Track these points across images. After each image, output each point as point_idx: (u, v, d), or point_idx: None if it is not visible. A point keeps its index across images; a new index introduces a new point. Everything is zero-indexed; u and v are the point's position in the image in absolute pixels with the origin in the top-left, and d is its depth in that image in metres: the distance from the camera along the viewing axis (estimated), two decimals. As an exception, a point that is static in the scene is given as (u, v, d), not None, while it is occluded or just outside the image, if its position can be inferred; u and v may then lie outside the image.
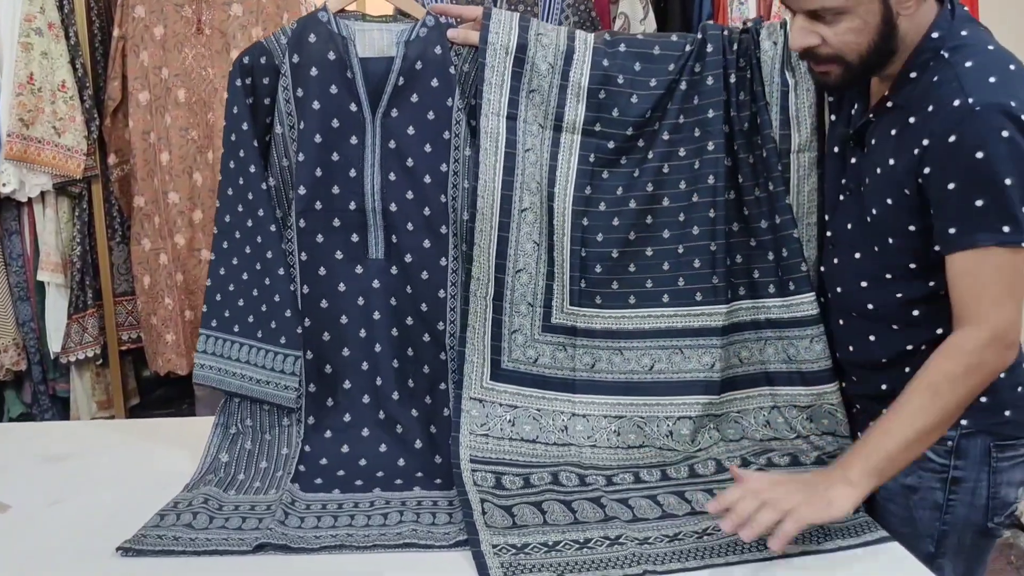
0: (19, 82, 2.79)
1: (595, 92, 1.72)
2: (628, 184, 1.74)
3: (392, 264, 1.75)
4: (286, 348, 1.72)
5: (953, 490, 1.52)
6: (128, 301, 3.10)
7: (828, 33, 1.45)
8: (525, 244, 1.72)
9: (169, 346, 2.97)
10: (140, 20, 2.83)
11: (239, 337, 1.75)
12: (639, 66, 1.72)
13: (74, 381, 3.06)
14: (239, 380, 1.74)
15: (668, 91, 1.72)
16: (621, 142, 1.74)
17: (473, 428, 1.68)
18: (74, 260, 2.96)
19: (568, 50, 1.72)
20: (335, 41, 1.70)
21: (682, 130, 1.73)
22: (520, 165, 1.71)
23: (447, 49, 1.72)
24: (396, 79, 1.71)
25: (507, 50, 1.71)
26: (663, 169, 1.74)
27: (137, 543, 1.43)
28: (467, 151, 1.72)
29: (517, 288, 1.73)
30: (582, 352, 1.75)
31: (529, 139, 1.72)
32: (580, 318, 1.74)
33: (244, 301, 1.74)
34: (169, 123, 2.86)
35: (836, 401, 1.69)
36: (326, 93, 1.70)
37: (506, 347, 1.73)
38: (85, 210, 2.97)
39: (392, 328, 1.76)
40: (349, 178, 1.73)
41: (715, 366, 1.73)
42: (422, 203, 1.73)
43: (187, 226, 2.93)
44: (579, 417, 1.73)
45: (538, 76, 1.72)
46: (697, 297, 1.74)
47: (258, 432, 1.75)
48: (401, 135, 1.72)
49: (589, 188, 1.74)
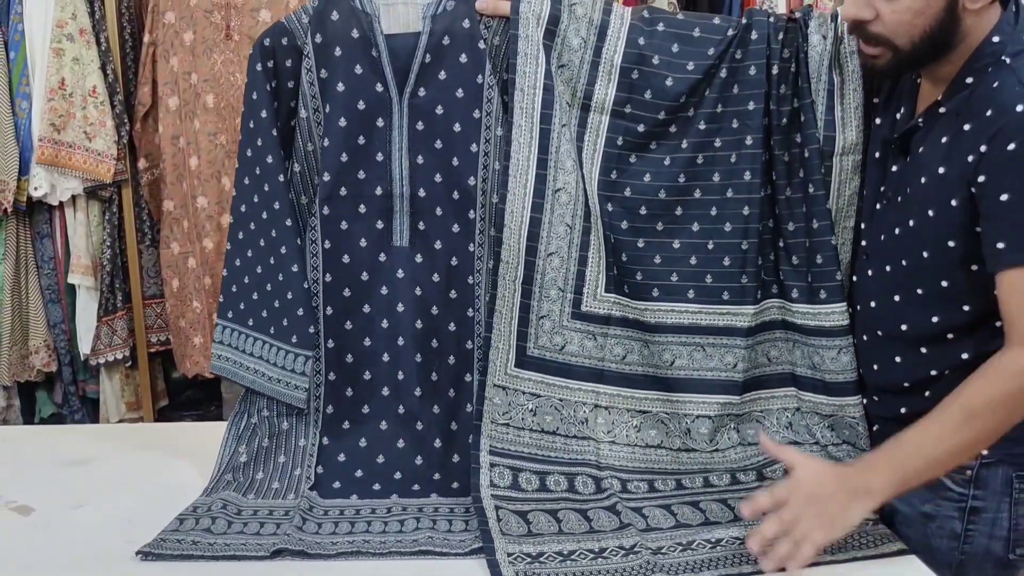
0: (51, 87, 2.81)
1: (628, 71, 1.64)
2: (658, 172, 1.68)
3: (417, 252, 1.70)
4: (297, 347, 1.67)
5: (972, 520, 1.47)
6: (157, 304, 3.11)
7: (885, 8, 1.37)
8: (558, 227, 1.64)
9: (197, 349, 2.97)
10: (170, 26, 2.84)
11: (253, 331, 1.71)
12: (677, 47, 1.64)
13: (104, 383, 3.08)
14: (252, 375, 1.71)
15: (706, 77, 1.64)
16: (652, 126, 1.66)
17: (495, 416, 1.64)
18: (104, 263, 2.97)
19: (602, 24, 1.63)
20: (358, 18, 1.63)
21: (720, 120, 1.65)
22: (555, 142, 1.63)
23: (476, 22, 1.64)
24: (423, 56, 1.64)
25: (539, 20, 1.62)
26: (697, 160, 1.67)
27: (157, 547, 1.42)
28: (499, 130, 1.64)
29: (548, 272, 1.66)
30: (613, 342, 1.69)
31: (564, 115, 1.65)
32: (615, 306, 1.68)
33: (258, 295, 1.70)
34: (198, 128, 2.86)
35: (859, 414, 1.64)
36: (351, 74, 1.64)
37: (533, 333, 1.67)
38: (115, 214, 2.99)
39: (416, 320, 1.71)
40: (376, 162, 1.67)
41: (737, 366, 1.68)
42: (451, 186, 1.68)
43: (215, 230, 2.93)
44: (602, 409, 1.68)
45: (569, 50, 1.64)
46: (724, 296, 1.68)
47: (275, 422, 1.72)
48: (430, 115, 1.66)
49: (615, 172, 1.67)
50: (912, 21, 1.36)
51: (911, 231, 1.44)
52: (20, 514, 1.59)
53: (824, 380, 1.66)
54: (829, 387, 1.65)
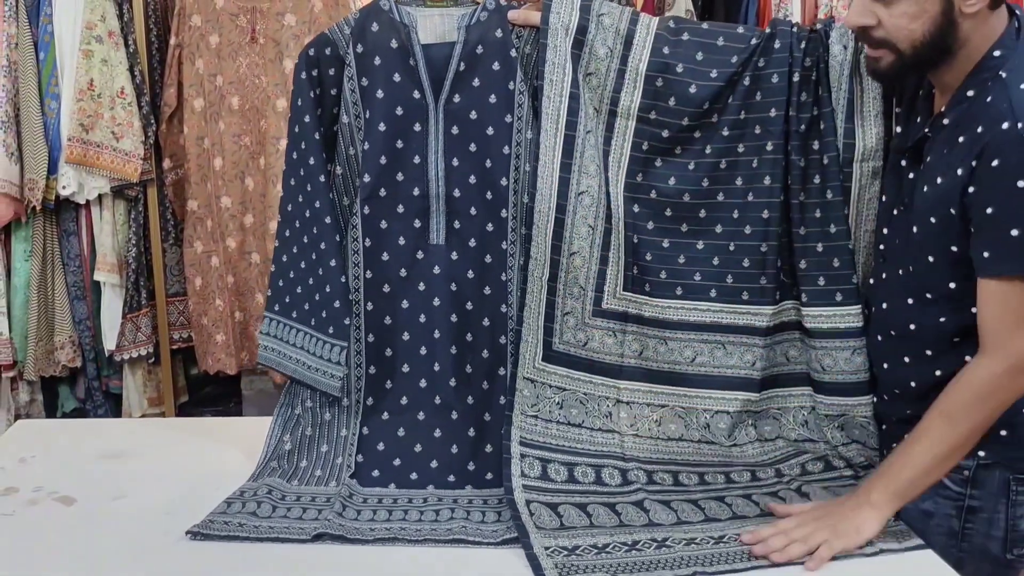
0: (80, 88, 2.88)
1: (652, 79, 1.69)
2: (683, 175, 1.73)
3: (452, 250, 1.77)
4: (333, 338, 1.75)
5: (969, 519, 1.52)
6: (180, 302, 3.17)
7: (884, 14, 1.43)
8: (580, 227, 1.70)
9: (219, 346, 3.03)
10: (196, 29, 2.90)
11: (296, 323, 1.80)
12: (701, 55, 1.69)
13: (127, 378, 3.14)
14: (294, 364, 1.79)
15: (729, 84, 1.69)
16: (676, 132, 1.71)
17: (524, 408, 1.70)
18: (129, 261, 3.03)
19: (629, 34, 1.69)
20: (397, 29, 1.71)
21: (743, 126, 1.71)
22: (580, 147, 1.69)
23: (508, 32, 1.72)
24: (458, 64, 1.72)
25: (567, 30, 1.68)
26: (720, 164, 1.72)
27: (205, 528, 1.50)
28: (529, 133, 1.71)
29: (571, 270, 1.71)
30: (631, 339, 1.75)
31: (590, 122, 1.71)
32: (632, 304, 1.74)
33: (301, 289, 1.78)
34: (223, 129, 2.92)
35: (868, 414, 1.69)
36: (390, 81, 1.72)
37: (558, 329, 1.73)
38: (141, 213, 3.05)
39: (451, 314, 1.78)
40: (413, 165, 1.75)
41: (756, 364, 1.74)
42: (485, 187, 1.75)
43: (238, 230, 2.99)
44: (623, 404, 1.74)
45: (596, 59, 1.70)
46: (744, 296, 1.73)
47: (318, 412, 1.79)
48: (464, 120, 1.73)
49: (641, 175, 1.73)
50: (910, 26, 1.42)
51: (918, 236, 1.50)
52: (63, 504, 1.64)
53: (836, 381, 1.70)
54: (841, 387, 1.70)
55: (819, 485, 1.64)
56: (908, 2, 1.41)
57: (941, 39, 1.42)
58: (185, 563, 1.45)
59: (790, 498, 1.60)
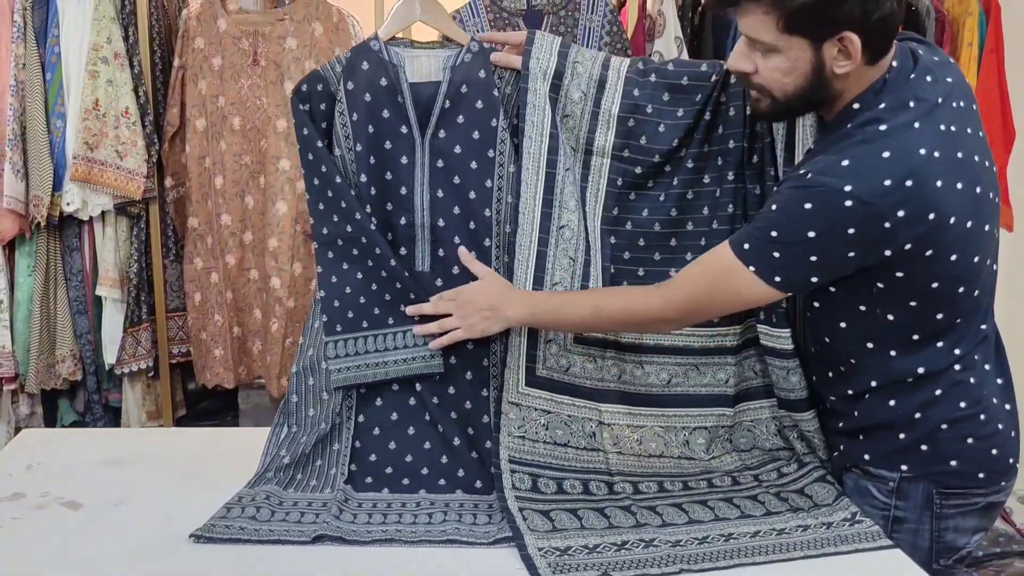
0: (85, 108, 2.92)
1: (624, 120, 1.78)
2: (654, 207, 1.81)
3: (437, 276, 1.83)
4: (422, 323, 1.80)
5: (895, 528, 1.59)
6: (179, 317, 3.21)
7: (760, 64, 1.50)
8: (562, 259, 1.77)
9: (217, 360, 3.08)
10: (199, 51, 2.97)
11: (370, 331, 1.81)
12: (668, 96, 1.78)
13: (126, 392, 3.16)
14: (381, 369, 1.80)
15: (695, 120, 1.77)
16: (648, 167, 1.80)
17: (511, 430, 1.76)
18: (130, 277, 3.07)
19: (601, 79, 1.78)
20: (386, 68, 1.78)
21: (707, 158, 1.79)
22: (560, 184, 1.77)
23: (491, 73, 1.79)
24: (443, 102, 1.79)
25: (545, 75, 1.77)
26: (687, 195, 1.81)
27: (208, 531, 1.57)
28: (511, 168, 1.79)
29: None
30: (610, 363, 1.82)
31: (568, 160, 1.79)
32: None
33: (365, 298, 1.80)
34: (224, 149, 2.98)
35: (814, 427, 1.76)
36: (379, 117, 1.78)
37: (541, 355, 1.79)
38: (143, 229, 3.09)
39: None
40: (400, 195, 1.81)
41: (729, 381, 1.82)
42: (468, 217, 1.81)
43: (237, 247, 3.04)
44: (605, 425, 1.80)
45: (571, 103, 1.79)
46: (714, 320, 1.79)
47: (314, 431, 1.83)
48: (449, 154, 1.80)
49: (616, 209, 1.81)
50: (783, 80, 1.49)
51: None
52: (69, 509, 1.70)
53: (780, 397, 1.78)
54: (785, 403, 1.78)
55: (794, 488, 1.71)
56: (781, 57, 1.47)
57: (812, 93, 1.50)
58: (188, 565, 1.51)
59: (768, 501, 1.68)
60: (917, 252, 1.44)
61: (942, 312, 1.51)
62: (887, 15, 1.41)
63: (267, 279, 3.01)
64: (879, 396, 1.59)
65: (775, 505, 1.67)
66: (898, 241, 1.43)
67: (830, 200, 1.41)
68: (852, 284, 1.51)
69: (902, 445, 1.58)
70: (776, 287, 1.49)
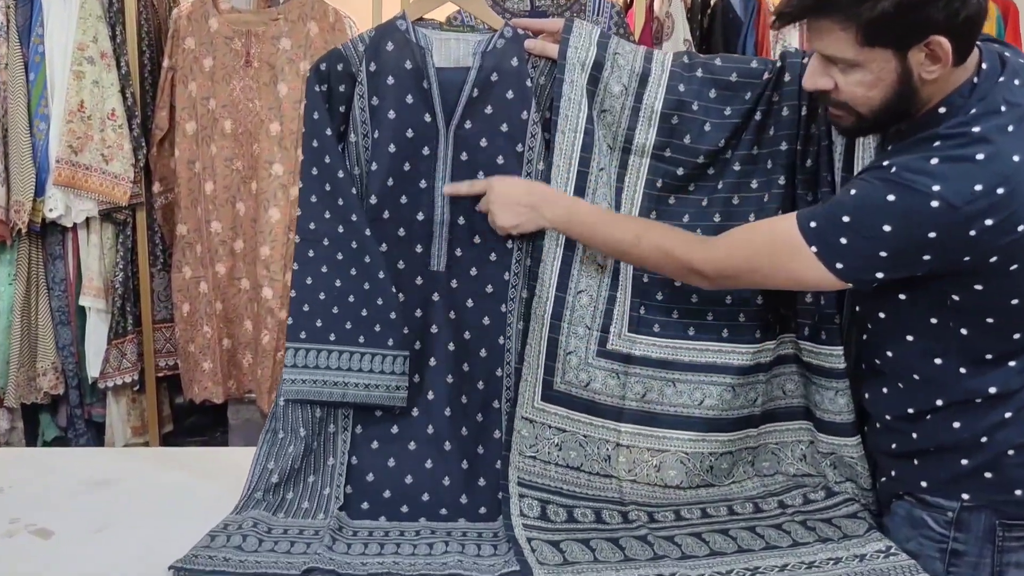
0: (70, 109, 2.86)
1: (668, 117, 1.71)
2: (696, 213, 1.73)
3: (453, 277, 1.76)
4: (395, 350, 1.70)
5: (953, 563, 1.51)
6: (166, 328, 3.14)
7: (840, 80, 1.42)
8: (589, 266, 1.70)
9: (206, 374, 3.01)
10: (190, 52, 2.91)
11: (337, 345, 1.71)
12: (715, 93, 1.70)
13: (110, 406, 3.09)
14: (340, 389, 1.70)
15: (744, 120, 1.70)
16: (691, 169, 1.72)
17: (523, 449, 1.68)
18: (116, 286, 3.01)
19: (644, 72, 1.71)
20: (412, 50, 1.72)
21: (755, 161, 1.72)
22: (592, 184, 1.70)
23: (524, 61, 1.72)
24: (471, 90, 1.72)
25: (584, 66, 1.69)
26: (733, 200, 1.73)
27: (189, 562, 1.46)
28: (540, 165, 1.72)
29: (577, 309, 1.70)
30: (634, 381, 1.72)
31: (603, 158, 1.71)
32: (637, 345, 1.72)
33: (339, 308, 1.72)
34: (214, 153, 2.92)
35: (856, 454, 1.68)
36: (402, 102, 1.72)
37: (560, 368, 1.71)
38: (129, 237, 3.03)
39: (449, 343, 1.76)
40: (419, 189, 1.74)
41: (758, 400, 1.73)
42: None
43: (228, 255, 2.98)
44: (623, 448, 1.71)
45: (610, 97, 1.71)
46: (757, 334, 1.71)
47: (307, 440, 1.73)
48: (474, 147, 1.73)
49: (654, 213, 1.74)
50: (867, 94, 1.41)
51: None
52: (40, 538, 1.61)
53: (822, 419, 1.70)
54: (826, 426, 1.70)
55: (821, 517, 1.63)
56: (863, 72, 1.39)
57: (901, 104, 1.42)
58: (167, 601, 1.44)
59: (794, 531, 1.60)
60: (1000, 265, 1.37)
61: (1020, 331, 1.44)
62: (974, 13, 1.34)
63: (258, 289, 2.93)
64: (943, 417, 1.50)
65: (802, 535, 1.58)
66: (981, 251, 1.36)
67: (915, 198, 1.34)
68: (925, 294, 1.45)
69: (964, 471, 1.49)
70: (836, 274, 1.42)
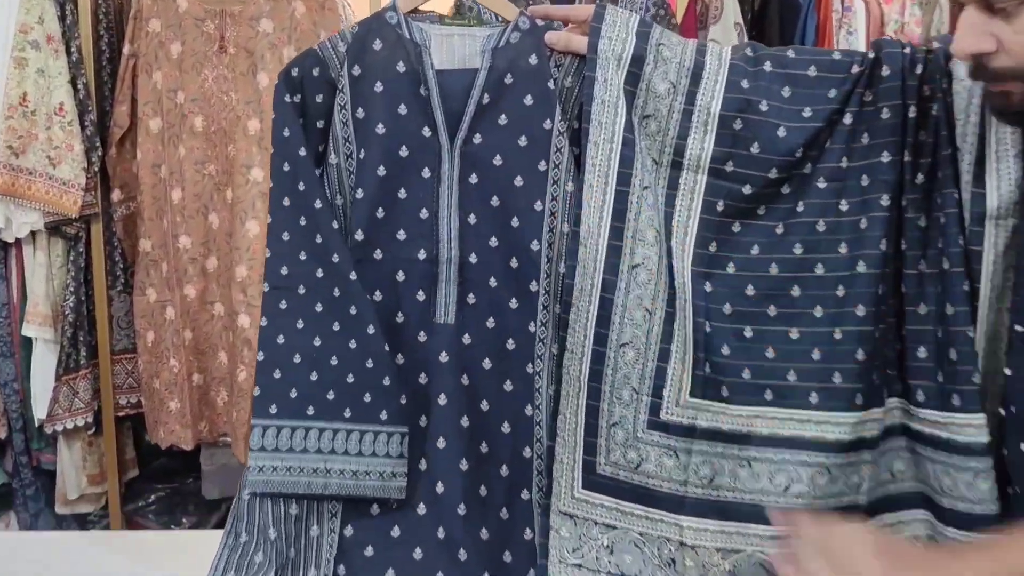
0: (10, 104, 2.59)
1: (729, 121, 1.45)
2: (768, 243, 1.49)
3: (464, 331, 1.53)
4: (388, 425, 1.49)
5: None
6: (128, 360, 2.86)
7: (1007, 33, 1.18)
8: (634, 311, 1.45)
9: (173, 415, 2.70)
10: (155, 35, 2.62)
11: (316, 421, 1.50)
12: (789, 91, 1.45)
13: (61, 452, 2.81)
14: (321, 478, 1.49)
15: (828, 124, 1.44)
16: (760, 187, 1.46)
17: (564, 555, 1.45)
18: (66, 312, 2.72)
19: (696, 66, 1.46)
20: (406, 49, 1.51)
21: (846, 176, 1.45)
22: (634, 208, 1.46)
23: (545, 58, 1.50)
24: (480, 96, 1.50)
25: (620, 61, 1.46)
26: (817, 226, 1.46)
27: None
28: (568, 186, 1.49)
29: (620, 368, 1.45)
30: (699, 460, 1.46)
31: (647, 175, 1.47)
32: (702, 414, 1.45)
33: (319, 374, 1.50)
34: (183, 155, 2.63)
35: None
36: (393, 114, 1.51)
37: (603, 445, 1.46)
38: (82, 254, 2.75)
39: (462, 417, 1.52)
40: (419, 220, 1.53)
41: (862, 486, 1.44)
42: (509, 252, 1.52)
43: (199, 275, 2.68)
44: (687, 548, 1.45)
45: (655, 98, 1.47)
46: (858, 400, 1.41)
47: (280, 547, 1.50)
48: (485, 166, 1.52)
49: (715, 244, 1.48)
50: None
51: None
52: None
53: (956, 509, 1.41)
54: (962, 518, 1.41)
55: None
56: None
57: None
58: None
59: None
60: None
61: None
62: None
63: (234, 316, 2.63)
64: None
65: None
66: None
67: None
68: None
69: None
70: None
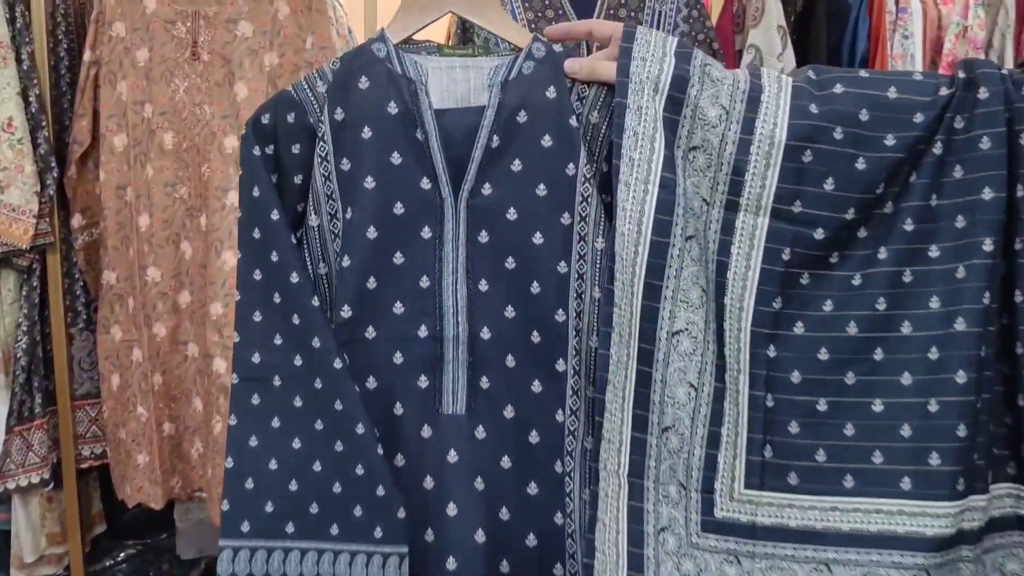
0: (-48, 119, 2.40)
1: (796, 152, 1.26)
2: (844, 298, 1.31)
3: (478, 424, 1.35)
4: (384, 544, 1.32)
5: None
6: (92, 406, 2.62)
7: None
8: (677, 388, 1.29)
9: (140, 470, 2.45)
10: (119, 40, 2.38)
11: (298, 541, 1.35)
12: (867, 116, 1.27)
13: (16, 512, 2.57)
14: None
15: (912, 155, 1.26)
16: (835, 230, 1.28)
17: None
18: (18, 355, 2.50)
19: (752, 88, 1.27)
20: (398, 86, 1.34)
21: (936, 217, 1.29)
22: (675, 263, 1.28)
23: (566, 91, 1.33)
24: (488, 139, 1.33)
25: (657, 86, 1.27)
26: (903, 277, 1.29)
27: None
28: (599, 242, 1.31)
29: (664, 458, 1.28)
30: (765, 565, 1.27)
31: (693, 221, 1.28)
32: (763, 508, 1.27)
33: (300, 483, 1.35)
34: (151, 176, 2.40)
35: None
36: (385, 164, 1.34)
37: (651, 556, 1.28)
38: (36, 288, 2.51)
39: (476, 529, 1.33)
40: (419, 290, 1.37)
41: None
42: (529, 324, 1.34)
43: (170, 312, 2.45)
44: None
45: (704, 127, 1.28)
46: (959, 486, 1.23)
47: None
48: (497, 222, 1.34)
49: (779, 300, 1.29)
50: None
51: None
52: None
53: None
54: None
55: None
56: None
57: None
58: None
59: None
60: None
61: None
62: None
63: (209, 359, 2.40)
64: None
65: None
66: None
67: None
68: None
69: None
70: None
